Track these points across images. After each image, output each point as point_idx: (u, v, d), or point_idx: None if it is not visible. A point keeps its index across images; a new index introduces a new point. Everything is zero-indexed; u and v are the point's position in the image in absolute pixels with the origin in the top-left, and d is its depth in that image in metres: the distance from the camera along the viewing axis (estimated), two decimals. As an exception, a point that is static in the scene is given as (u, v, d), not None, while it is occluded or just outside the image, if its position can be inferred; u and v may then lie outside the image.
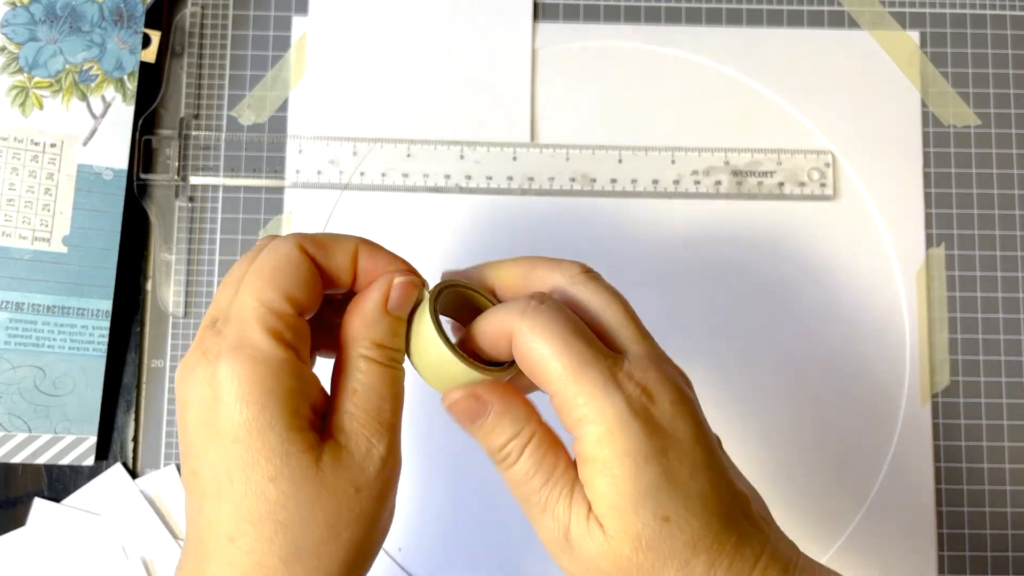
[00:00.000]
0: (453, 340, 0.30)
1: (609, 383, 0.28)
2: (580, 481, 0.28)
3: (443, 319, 0.30)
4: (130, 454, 0.46)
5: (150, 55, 0.47)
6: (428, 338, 0.29)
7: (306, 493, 0.27)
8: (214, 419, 0.27)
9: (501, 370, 0.30)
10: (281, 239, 0.30)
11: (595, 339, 0.29)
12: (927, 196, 0.49)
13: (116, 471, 0.45)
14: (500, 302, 0.31)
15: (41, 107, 0.46)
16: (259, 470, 0.27)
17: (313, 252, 0.29)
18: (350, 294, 0.31)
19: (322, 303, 0.30)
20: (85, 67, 0.46)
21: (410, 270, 0.30)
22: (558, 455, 0.29)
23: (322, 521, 0.27)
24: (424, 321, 0.30)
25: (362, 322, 0.29)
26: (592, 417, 0.27)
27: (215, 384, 0.27)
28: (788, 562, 0.29)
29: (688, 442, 0.28)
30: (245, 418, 0.27)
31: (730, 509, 0.28)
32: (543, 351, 0.28)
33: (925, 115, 0.49)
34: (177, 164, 0.47)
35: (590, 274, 0.31)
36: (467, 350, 0.30)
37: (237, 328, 0.28)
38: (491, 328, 0.30)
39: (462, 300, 0.32)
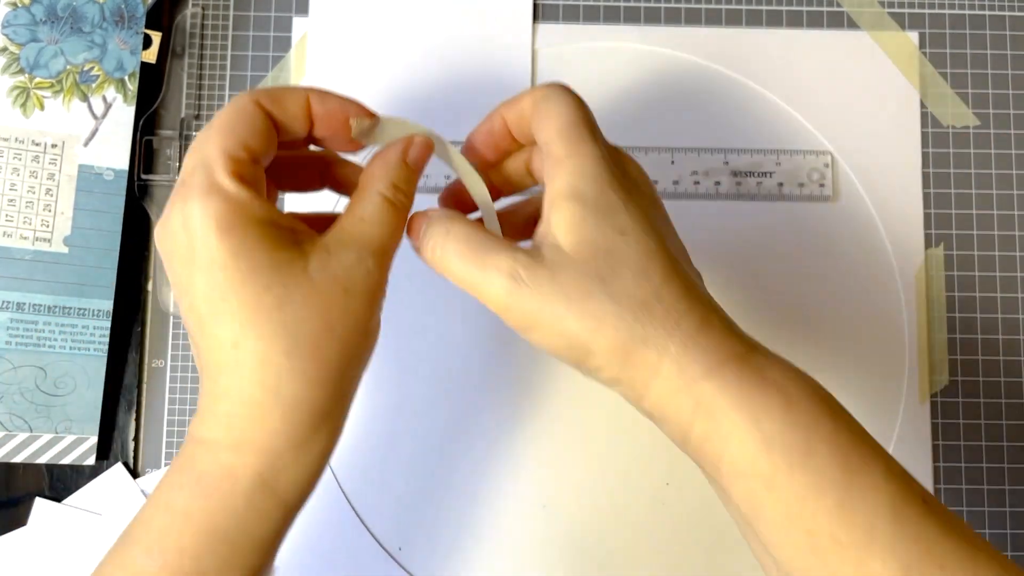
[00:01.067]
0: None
1: (588, 140, 0.33)
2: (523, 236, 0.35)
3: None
4: (131, 454, 0.46)
5: (151, 56, 0.47)
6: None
7: (299, 294, 0.30)
8: (196, 256, 0.30)
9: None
10: (238, 95, 0.32)
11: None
12: (926, 196, 0.49)
13: (117, 471, 0.45)
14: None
15: (42, 108, 0.46)
16: (252, 284, 0.30)
17: (268, 105, 0.32)
18: (308, 142, 0.35)
19: (280, 154, 0.34)
20: (86, 68, 0.46)
21: (366, 111, 0.34)
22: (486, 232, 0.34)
23: (316, 317, 0.30)
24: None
25: (383, 167, 0.33)
26: (571, 154, 0.32)
27: (191, 227, 0.30)
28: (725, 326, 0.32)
29: (650, 192, 0.35)
30: (228, 246, 0.30)
31: (686, 255, 0.35)
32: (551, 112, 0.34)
33: (924, 115, 0.49)
34: (178, 165, 0.47)
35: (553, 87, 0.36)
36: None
37: (203, 176, 0.30)
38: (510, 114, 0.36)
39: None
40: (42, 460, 0.45)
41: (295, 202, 0.48)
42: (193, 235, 0.30)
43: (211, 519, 0.30)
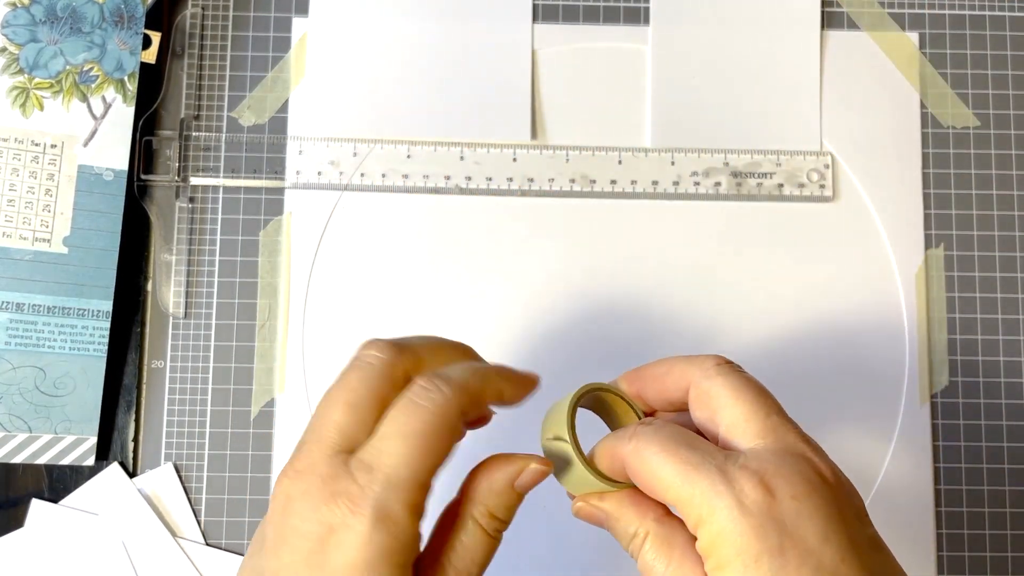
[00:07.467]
0: (585, 450, 0.32)
1: (718, 482, 0.27)
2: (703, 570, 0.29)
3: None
4: (130, 454, 0.46)
5: (150, 56, 0.47)
6: (563, 448, 0.32)
7: None
8: (326, 562, 0.28)
9: (623, 484, 0.31)
10: (442, 398, 0.30)
11: (703, 443, 0.29)
12: (926, 197, 0.49)
13: (113, 470, 0.45)
14: (642, 408, 0.33)
15: (42, 108, 0.46)
16: None
17: (468, 413, 0.31)
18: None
19: None
20: (85, 68, 0.46)
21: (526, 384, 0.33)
22: (673, 548, 0.29)
23: None
24: (563, 429, 0.32)
25: (488, 489, 0.31)
26: (705, 518, 0.28)
27: (346, 539, 0.28)
28: None
29: (813, 540, 0.27)
30: None
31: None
32: (651, 468, 0.29)
33: (924, 116, 0.49)
34: (177, 165, 0.47)
35: (723, 366, 0.31)
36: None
37: (384, 495, 0.28)
38: (605, 456, 0.31)
39: (606, 403, 0.34)
40: (41, 461, 0.45)
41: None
42: (343, 547, 0.28)
43: None
